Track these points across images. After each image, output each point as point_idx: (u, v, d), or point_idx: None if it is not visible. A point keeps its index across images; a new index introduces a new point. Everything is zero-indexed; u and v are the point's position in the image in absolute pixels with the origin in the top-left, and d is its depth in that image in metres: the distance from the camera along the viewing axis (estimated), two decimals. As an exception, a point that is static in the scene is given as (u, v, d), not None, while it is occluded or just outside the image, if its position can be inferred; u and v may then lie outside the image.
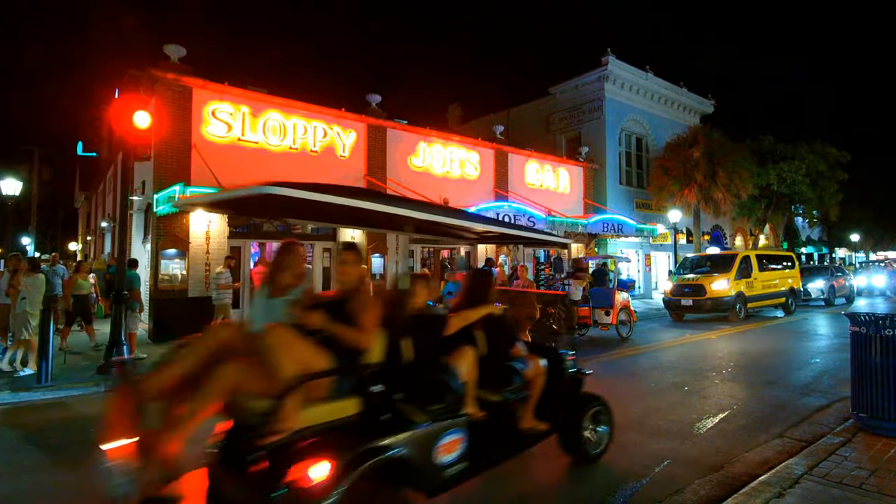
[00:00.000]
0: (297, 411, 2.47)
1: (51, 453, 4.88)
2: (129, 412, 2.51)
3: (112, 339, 7.86)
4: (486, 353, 3.76)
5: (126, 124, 7.84)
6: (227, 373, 2.56)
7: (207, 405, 2.54)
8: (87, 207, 28.32)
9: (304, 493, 2.36)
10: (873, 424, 4.63)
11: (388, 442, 2.73)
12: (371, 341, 2.86)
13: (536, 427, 3.80)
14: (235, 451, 2.65)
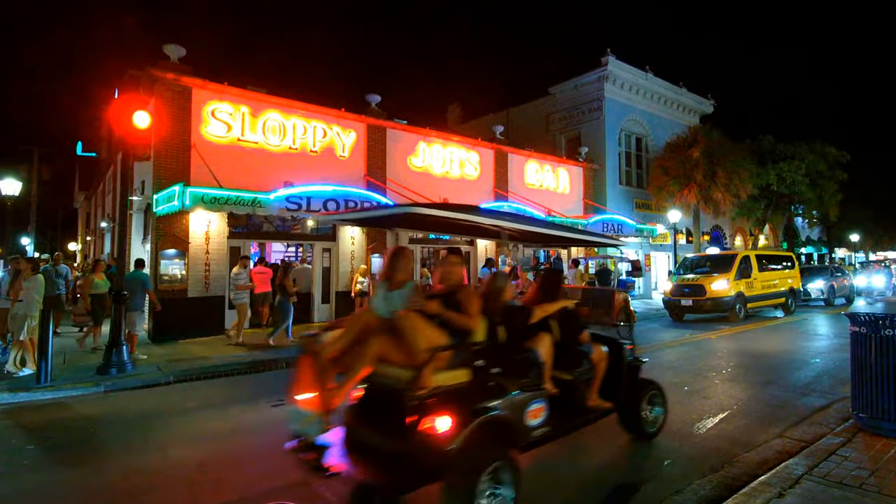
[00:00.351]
0: (431, 376, 3.17)
1: (50, 453, 4.87)
2: (312, 373, 3.22)
3: (112, 339, 7.86)
4: (559, 339, 4.34)
5: (126, 124, 7.83)
6: (376, 346, 3.31)
7: (362, 370, 3.30)
8: (86, 207, 28.31)
9: (433, 439, 3.05)
10: (873, 424, 4.63)
11: (492, 404, 3.40)
12: (476, 325, 3.53)
13: (601, 405, 4.40)
14: (375, 407, 3.39)
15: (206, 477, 4.22)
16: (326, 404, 3.12)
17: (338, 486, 3.98)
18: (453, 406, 3.16)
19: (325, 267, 13.55)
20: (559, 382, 4.06)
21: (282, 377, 8.00)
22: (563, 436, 4.04)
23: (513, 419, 3.53)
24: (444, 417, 3.09)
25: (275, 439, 5.14)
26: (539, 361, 3.93)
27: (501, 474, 3.21)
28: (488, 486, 3.13)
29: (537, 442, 3.76)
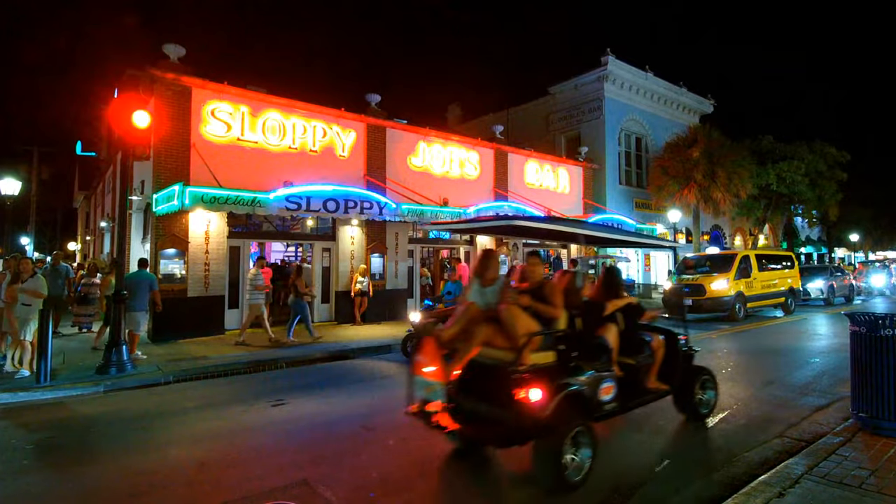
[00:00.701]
0: (528, 355, 3.89)
1: (50, 453, 4.87)
2: (434, 352, 4.07)
3: (112, 339, 7.85)
4: (623, 329, 4.98)
5: (125, 124, 7.83)
6: (482, 332, 4.15)
7: (472, 351, 4.13)
8: (86, 207, 28.27)
9: (529, 407, 3.72)
10: (873, 424, 4.63)
11: (573, 381, 4.07)
12: (560, 315, 4.27)
13: (659, 387, 5.00)
14: (479, 381, 4.15)
15: (205, 477, 4.22)
16: (445, 376, 3.99)
17: (338, 485, 3.99)
18: (544, 381, 3.82)
19: (325, 266, 13.55)
20: (624, 366, 4.75)
21: (281, 377, 8.02)
22: (627, 411, 4.75)
23: (589, 394, 4.18)
24: (536, 390, 3.76)
25: (275, 439, 5.15)
26: (608, 347, 4.62)
27: (581, 438, 3.90)
28: (571, 447, 3.83)
29: (608, 415, 4.42)
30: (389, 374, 8.27)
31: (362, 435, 5.21)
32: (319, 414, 5.98)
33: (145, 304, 8.81)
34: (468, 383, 4.20)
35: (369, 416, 5.89)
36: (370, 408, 6.24)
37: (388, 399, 6.66)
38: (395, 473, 4.23)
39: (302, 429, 5.46)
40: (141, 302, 8.70)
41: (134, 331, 8.58)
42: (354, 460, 4.52)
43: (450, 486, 4.17)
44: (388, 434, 5.20)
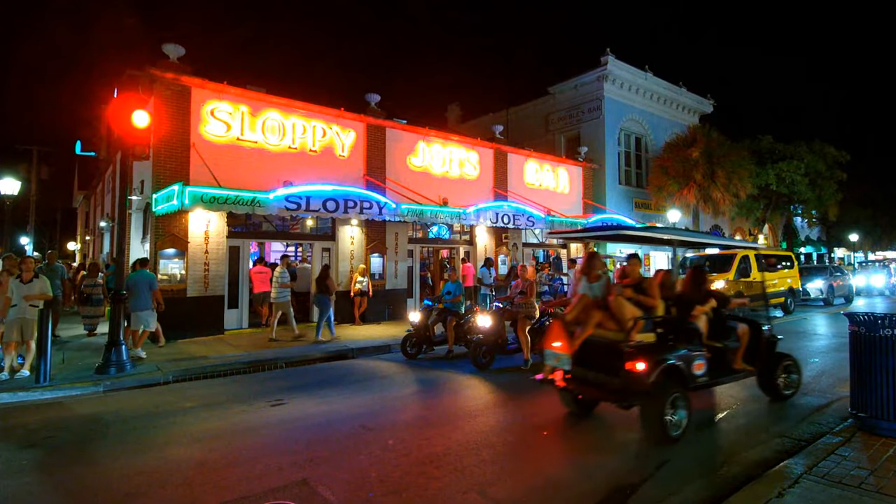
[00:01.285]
0: (634, 335, 4.96)
1: (49, 453, 4.87)
2: (561, 330, 5.30)
3: (111, 339, 7.84)
4: (712, 317, 5.81)
5: (125, 123, 7.82)
6: (596, 317, 5.27)
7: (588, 331, 5.24)
8: (85, 207, 28.26)
9: (634, 376, 4.73)
10: (872, 424, 4.64)
11: (670, 356, 4.96)
12: (658, 305, 5.32)
13: (745, 368, 5.78)
14: (594, 354, 5.20)
15: (205, 476, 4.22)
16: (570, 348, 5.15)
17: (337, 485, 4.00)
18: (647, 356, 4.80)
19: (325, 265, 13.51)
20: (712, 349, 5.54)
21: (281, 377, 8.02)
22: (716, 385, 5.75)
23: (683, 368, 5.02)
24: (641, 362, 4.73)
25: (274, 439, 5.16)
26: (699, 332, 5.48)
27: (678, 402, 4.86)
28: (670, 408, 4.78)
29: (701, 386, 5.29)
30: (389, 374, 8.27)
31: (362, 435, 5.21)
32: (319, 414, 5.98)
33: (149, 303, 8.92)
34: (584, 356, 5.24)
35: (369, 415, 5.89)
36: (370, 408, 6.24)
37: (388, 399, 6.66)
38: (395, 473, 4.23)
39: (301, 429, 5.46)
40: (144, 301, 8.83)
41: (145, 328, 8.93)
42: (354, 460, 4.52)
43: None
44: (388, 434, 5.20)
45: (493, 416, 5.91)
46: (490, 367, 8.28)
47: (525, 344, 8.38)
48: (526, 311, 8.48)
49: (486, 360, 8.31)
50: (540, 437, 5.16)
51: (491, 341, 8.39)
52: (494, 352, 8.46)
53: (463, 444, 4.87)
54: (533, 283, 8.76)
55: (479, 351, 8.27)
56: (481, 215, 14.24)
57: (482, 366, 8.22)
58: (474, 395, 6.84)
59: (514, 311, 8.58)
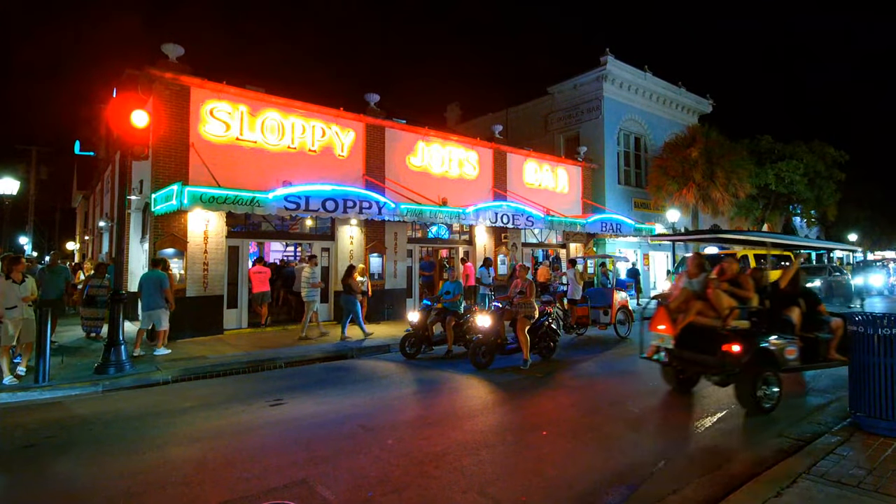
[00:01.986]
0: (731, 322, 5.66)
1: (48, 453, 4.86)
2: (666, 315, 6.24)
3: (110, 339, 7.84)
4: (805, 311, 6.40)
5: (124, 123, 7.81)
6: (696, 306, 6.07)
7: (689, 318, 6.06)
8: (84, 207, 28.24)
9: (730, 356, 5.50)
10: (871, 424, 4.65)
11: (762, 341, 5.71)
12: (752, 297, 6.04)
13: (839, 358, 6.18)
14: (695, 338, 5.97)
15: (204, 476, 4.22)
16: (673, 331, 6.08)
17: (336, 484, 4.00)
18: (741, 340, 5.51)
19: (324, 266, 13.53)
20: (805, 339, 6.11)
21: (280, 377, 8.02)
22: (809, 370, 6.47)
23: (775, 352, 5.74)
24: (736, 345, 5.47)
25: (274, 439, 5.15)
26: (792, 323, 6.14)
27: (770, 380, 5.70)
28: (762, 385, 5.63)
29: (791, 370, 5.98)
30: (388, 373, 8.27)
31: (361, 435, 5.21)
32: (318, 413, 5.98)
33: (161, 302, 9.09)
34: (686, 339, 6.05)
35: (368, 415, 5.89)
36: (369, 407, 6.24)
37: (387, 398, 6.66)
38: (394, 473, 4.23)
39: (301, 428, 5.46)
40: (155, 300, 9.03)
41: (157, 327, 9.14)
42: (353, 460, 4.52)
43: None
44: (387, 434, 5.20)
45: (493, 415, 5.91)
46: (489, 367, 8.28)
47: (524, 344, 8.35)
48: (525, 311, 8.45)
49: (486, 359, 8.30)
50: (539, 436, 5.16)
51: (490, 341, 8.37)
52: (494, 352, 8.45)
53: (462, 444, 4.87)
54: (532, 283, 8.72)
55: (479, 351, 8.26)
56: (480, 215, 14.25)
57: (481, 365, 8.21)
58: (474, 395, 6.85)
59: (514, 311, 8.55)
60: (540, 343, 8.90)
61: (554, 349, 9.13)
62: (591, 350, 10.11)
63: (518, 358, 8.49)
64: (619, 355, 9.58)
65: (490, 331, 8.37)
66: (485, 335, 8.36)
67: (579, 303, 11.52)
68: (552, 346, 9.09)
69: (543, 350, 9.00)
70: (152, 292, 9.04)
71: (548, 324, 9.10)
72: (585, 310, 11.45)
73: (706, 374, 6.16)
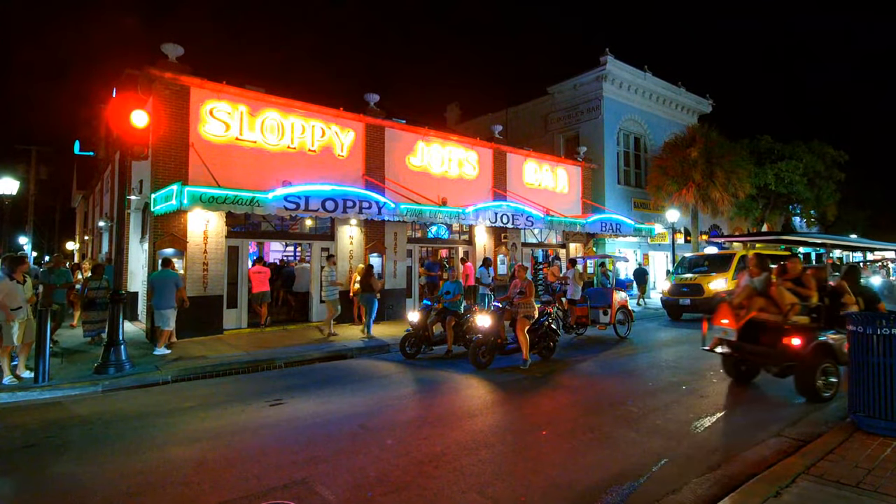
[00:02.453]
0: (791, 317, 6.17)
1: (47, 453, 4.86)
2: (729, 310, 6.62)
3: (109, 339, 7.84)
4: (863, 308, 6.54)
5: (123, 123, 7.81)
6: (759, 303, 6.47)
7: (751, 314, 6.45)
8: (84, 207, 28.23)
9: (790, 349, 5.94)
10: (870, 424, 4.65)
11: (822, 335, 6.13)
12: (812, 295, 6.45)
13: None
14: (756, 332, 6.40)
15: (203, 476, 4.22)
16: (736, 325, 6.44)
17: (336, 484, 4.00)
18: (802, 334, 5.96)
19: (323, 266, 13.51)
20: None
21: (279, 377, 8.02)
22: None
23: (833, 345, 6.11)
24: (797, 338, 5.92)
25: (273, 439, 5.15)
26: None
27: (828, 370, 6.09)
28: (821, 375, 6.03)
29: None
30: (388, 373, 8.27)
31: (360, 434, 5.21)
32: (317, 413, 5.98)
33: (172, 302, 9.29)
34: (748, 333, 6.41)
35: (367, 415, 5.89)
36: (368, 407, 6.24)
37: (387, 399, 6.66)
38: (393, 473, 4.23)
39: (300, 428, 5.46)
40: (168, 300, 9.23)
41: (162, 327, 9.27)
42: (352, 460, 4.52)
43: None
44: (386, 434, 5.20)
45: (493, 415, 5.92)
46: (489, 367, 8.29)
47: (524, 344, 8.35)
48: (525, 311, 8.45)
49: (486, 359, 8.31)
50: (539, 436, 5.16)
51: (490, 341, 8.37)
52: (494, 352, 8.46)
53: (462, 444, 4.87)
54: (532, 283, 8.70)
55: (479, 351, 8.25)
56: (480, 215, 14.25)
57: (481, 365, 8.22)
58: (473, 395, 6.85)
59: (514, 311, 8.54)
60: (539, 343, 8.90)
61: (553, 349, 9.14)
62: (590, 350, 10.12)
63: (518, 358, 8.50)
64: (618, 355, 9.58)
65: (490, 331, 8.36)
66: (484, 335, 8.34)
67: (579, 303, 11.52)
68: (552, 347, 9.10)
69: (543, 350, 9.00)
70: (166, 292, 9.22)
71: (547, 324, 9.10)
72: (585, 310, 11.45)
73: (766, 365, 6.51)
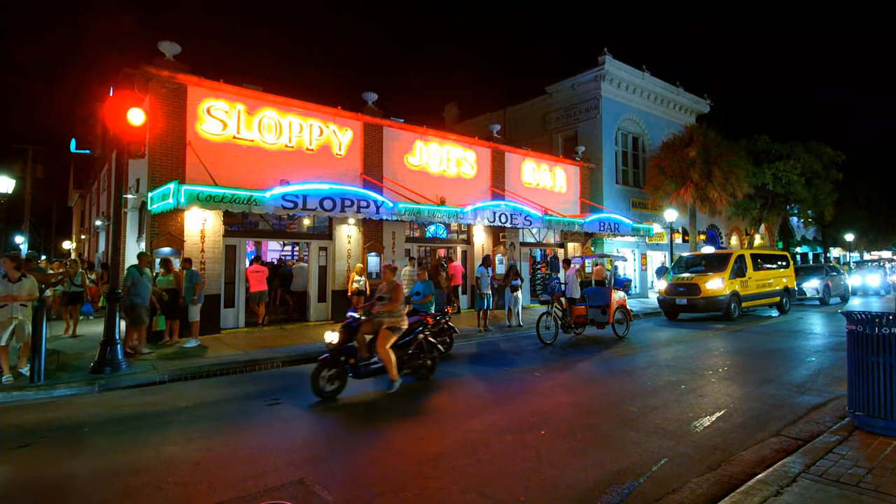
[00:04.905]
0: None
1: (42, 453, 4.82)
2: None
3: (106, 338, 7.79)
4: None
5: (120, 122, 7.77)
6: None
7: None
8: (81, 206, 28.14)
9: None
10: (870, 423, 4.63)
11: None
12: None
13: None
14: None
15: (200, 476, 4.19)
16: None
17: (334, 485, 3.97)
18: None
19: (322, 266, 13.50)
20: None
21: (277, 376, 7.99)
22: None
23: None
24: None
25: (270, 438, 5.12)
26: None
27: None
28: None
29: None
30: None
31: (358, 434, 5.18)
32: (315, 413, 5.95)
33: (192, 297, 9.94)
34: None
35: (365, 415, 5.86)
36: (366, 407, 6.21)
37: (385, 398, 6.63)
38: (392, 473, 4.20)
39: (298, 428, 5.44)
40: (193, 296, 9.95)
41: (192, 319, 10.04)
42: (351, 460, 4.49)
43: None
44: (385, 433, 5.18)
45: (491, 416, 5.88)
46: (339, 395, 6.52)
47: (388, 362, 6.62)
48: (390, 322, 6.76)
49: (334, 386, 6.49)
50: (538, 436, 5.14)
51: (338, 361, 6.53)
52: (344, 376, 6.59)
53: (462, 444, 4.85)
54: (400, 287, 6.93)
55: (319, 374, 6.40)
56: (479, 214, 14.23)
57: (325, 394, 6.41)
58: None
59: (375, 322, 6.82)
60: (412, 361, 7.21)
61: (433, 368, 7.53)
62: (589, 350, 10.11)
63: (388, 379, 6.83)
64: (616, 354, 9.57)
65: (335, 348, 6.55)
66: (331, 354, 6.52)
67: (577, 302, 11.51)
68: (430, 365, 7.48)
69: (418, 369, 7.37)
70: (189, 288, 9.89)
71: (423, 336, 7.40)
72: (583, 309, 11.43)
73: None
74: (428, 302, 8.94)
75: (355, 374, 6.70)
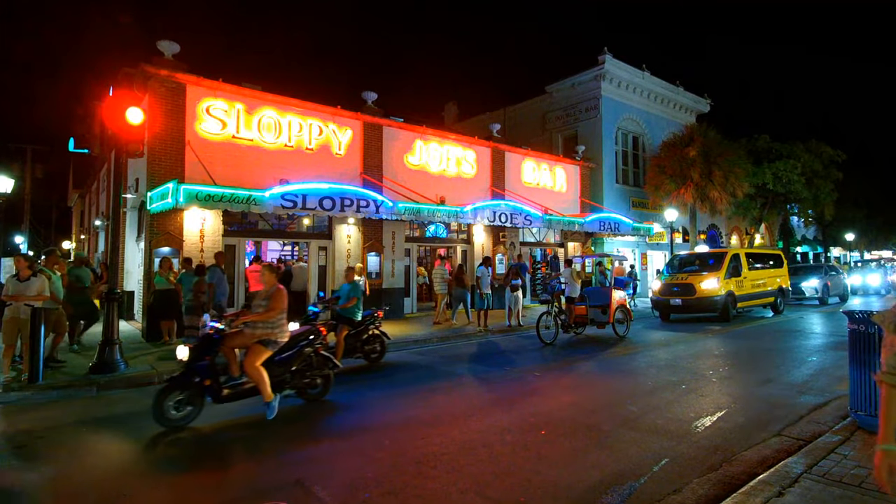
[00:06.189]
0: None
1: (41, 453, 4.80)
2: None
3: (105, 338, 7.76)
4: None
5: (119, 121, 7.74)
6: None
7: None
8: (80, 206, 28.10)
9: None
10: (871, 422, 4.61)
11: None
12: None
13: None
14: None
15: (198, 477, 4.17)
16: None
17: (332, 485, 3.95)
18: None
19: (321, 265, 13.48)
20: None
21: (277, 376, 7.95)
22: None
23: None
24: None
25: (269, 438, 5.10)
26: None
27: None
28: None
29: None
30: (385, 373, 8.21)
31: (357, 435, 5.16)
32: (313, 413, 5.93)
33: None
34: None
35: (363, 415, 5.84)
36: (364, 407, 6.19)
37: (383, 398, 6.61)
38: (391, 473, 4.18)
39: (295, 428, 5.41)
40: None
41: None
42: (349, 460, 4.47)
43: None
44: (383, 434, 5.16)
45: (491, 416, 5.87)
46: (192, 421, 5.34)
47: (259, 382, 5.43)
48: (264, 334, 5.56)
49: (182, 412, 5.28)
50: (538, 436, 5.12)
51: (190, 383, 5.32)
52: (199, 398, 5.38)
53: (461, 444, 4.83)
54: (282, 293, 5.69)
55: (163, 398, 5.20)
56: (479, 214, 14.21)
57: (171, 420, 5.21)
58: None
59: (247, 334, 5.59)
60: (296, 379, 5.95)
61: (326, 388, 6.29)
62: (589, 350, 10.08)
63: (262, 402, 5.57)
64: (616, 354, 9.55)
65: (189, 366, 5.36)
66: (181, 374, 5.36)
67: (577, 302, 11.49)
68: (319, 383, 6.23)
69: (304, 388, 6.10)
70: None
71: (310, 350, 6.10)
72: (583, 309, 11.41)
73: None
74: (352, 306, 8.15)
75: (215, 398, 5.42)
